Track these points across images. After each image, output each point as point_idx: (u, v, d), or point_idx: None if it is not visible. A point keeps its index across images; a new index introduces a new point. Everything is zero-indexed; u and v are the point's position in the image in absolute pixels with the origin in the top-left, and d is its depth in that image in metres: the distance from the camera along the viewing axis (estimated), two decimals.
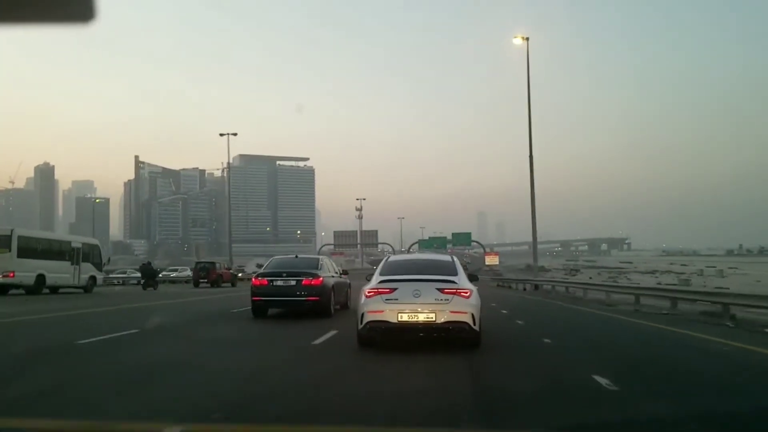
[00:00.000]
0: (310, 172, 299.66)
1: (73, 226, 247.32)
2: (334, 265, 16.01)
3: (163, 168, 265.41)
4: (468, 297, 8.17)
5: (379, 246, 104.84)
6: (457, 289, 8.17)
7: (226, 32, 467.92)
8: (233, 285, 40.03)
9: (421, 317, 8.00)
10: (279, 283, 13.77)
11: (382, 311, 8.11)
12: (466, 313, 8.07)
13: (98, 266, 28.69)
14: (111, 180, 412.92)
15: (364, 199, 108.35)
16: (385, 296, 8.18)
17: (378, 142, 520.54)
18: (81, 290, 26.65)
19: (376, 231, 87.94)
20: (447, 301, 8.05)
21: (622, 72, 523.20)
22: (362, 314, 8.31)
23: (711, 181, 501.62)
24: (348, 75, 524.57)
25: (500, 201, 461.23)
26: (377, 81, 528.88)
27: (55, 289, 25.46)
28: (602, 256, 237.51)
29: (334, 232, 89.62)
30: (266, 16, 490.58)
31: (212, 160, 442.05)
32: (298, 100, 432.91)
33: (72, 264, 26.34)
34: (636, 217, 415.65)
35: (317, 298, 13.53)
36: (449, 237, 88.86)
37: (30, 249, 23.75)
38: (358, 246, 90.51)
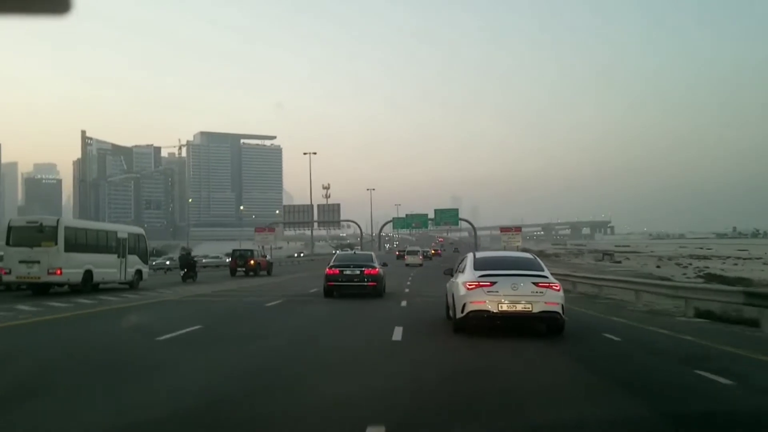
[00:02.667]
0: (278, 151, 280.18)
1: (22, 210, 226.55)
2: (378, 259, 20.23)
3: (113, 144, 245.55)
4: (558, 290, 9.61)
5: (344, 224, 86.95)
6: (549, 283, 9.61)
7: (187, 10, 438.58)
8: (269, 273, 37.53)
9: (519, 307, 9.34)
10: (348, 272, 18.36)
11: (484, 302, 9.41)
12: (557, 304, 9.48)
13: (144, 258, 25.95)
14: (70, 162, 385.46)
15: (315, 153, 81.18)
16: (486, 289, 9.46)
17: (350, 128, 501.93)
18: (126, 286, 23.99)
19: (338, 205, 69.25)
20: (542, 294, 9.40)
21: (601, 56, 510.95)
22: (464, 304, 9.59)
23: (691, 165, 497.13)
24: (322, 63, 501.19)
25: (474, 186, 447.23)
26: (349, 66, 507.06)
27: (96, 286, 22.36)
28: (586, 239, 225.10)
29: (284, 206, 71.19)
30: None
31: (170, 139, 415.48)
32: (266, 80, 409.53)
33: (118, 257, 23.54)
34: (615, 201, 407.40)
35: (375, 283, 18.22)
36: (431, 215, 72.60)
37: (77, 241, 21.27)
38: (315, 224, 70.93)
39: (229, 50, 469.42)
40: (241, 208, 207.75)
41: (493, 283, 9.41)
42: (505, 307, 9.28)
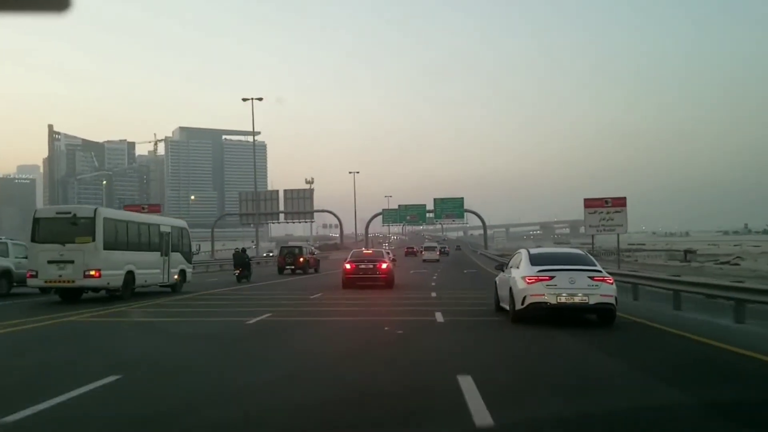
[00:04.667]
0: (262, 147, 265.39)
1: None
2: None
3: (83, 140, 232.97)
4: (612, 284, 10.70)
5: (331, 224, 74.73)
6: (603, 277, 10.67)
7: (170, 5, 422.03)
8: (316, 271, 37.29)
9: (576, 299, 10.41)
10: (363, 266, 22.03)
11: (543, 294, 10.49)
12: (611, 296, 10.55)
13: (188, 257, 22.66)
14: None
15: (261, 99, 57.10)
16: (545, 283, 10.53)
17: (340, 126, 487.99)
18: (168, 289, 20.95)
19: (312, 191, 55.28)
20: (597, 287, 10.45)
21: (596, 51, 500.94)
22: (524, 297, 10.69)
23: (690, 162, 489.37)
24: (311, 61, 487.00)
25: (467, 185, 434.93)
26: (339, 62, 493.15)
27: (133, 290, 19.18)
28: (586, 238, 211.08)
29: (239, 193, 57.63)
30: None
31: (149, 136, 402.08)
32: (256, 77, 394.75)
33: (161, 255, 20.39)
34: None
35: (386, 276, 21.89)
36: (429, 207, 59.83)
37: (117, 237, 18.36)
38: (281, 216, 56.82)
39: (216, 48, 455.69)
40: (192, 197, 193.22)
41: (551, 277, 10.55)
42: (563, 299, 10.42)
